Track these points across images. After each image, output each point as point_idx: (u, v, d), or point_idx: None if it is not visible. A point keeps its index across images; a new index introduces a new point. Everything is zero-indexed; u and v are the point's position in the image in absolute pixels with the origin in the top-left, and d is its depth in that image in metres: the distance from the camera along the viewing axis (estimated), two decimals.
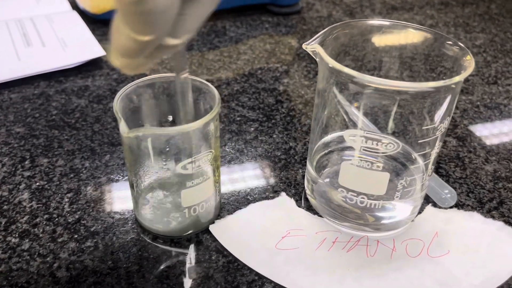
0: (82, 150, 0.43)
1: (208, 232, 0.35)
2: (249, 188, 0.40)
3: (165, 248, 0.34)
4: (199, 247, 0.35)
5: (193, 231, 0.35)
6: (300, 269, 0.33)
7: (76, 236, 0.35)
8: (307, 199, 0.39)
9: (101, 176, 0.41)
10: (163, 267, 0.33)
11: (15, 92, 0.51)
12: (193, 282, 0.32)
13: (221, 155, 0.43)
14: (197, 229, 0.35)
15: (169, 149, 0.32)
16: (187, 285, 0.32)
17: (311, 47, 0.32)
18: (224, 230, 0.36)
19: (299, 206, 0.38)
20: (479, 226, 0.37)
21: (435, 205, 0.38)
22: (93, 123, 0.47)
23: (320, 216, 0.37)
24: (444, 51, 0.34)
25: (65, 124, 0.47)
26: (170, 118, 0.35)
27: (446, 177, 0.42)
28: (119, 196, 0.39)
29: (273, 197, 0.39)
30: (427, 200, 0.39)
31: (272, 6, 0.71)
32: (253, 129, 0.47)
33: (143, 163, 0.33)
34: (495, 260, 0.34)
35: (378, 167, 0.33)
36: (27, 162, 0.42)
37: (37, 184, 0.40)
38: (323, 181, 0.38)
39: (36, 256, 0.34)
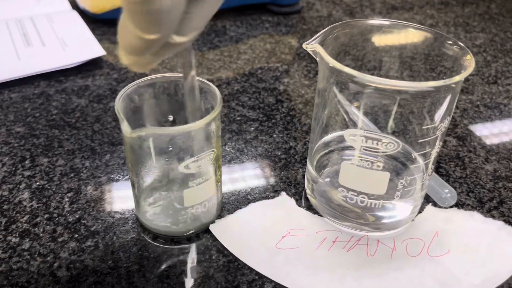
0: (82, 149, 0.43)
1: (208, 231, 0.36)
2: (249, 187, 0.40)
3: (166, 247, 0.34)
4: (199, 247, 0.35)
5: (195, 231, 0.35)
6: (300, 268, 0.33)
7: (76, 235, 0.35)
8: (307, 199, 0.39)
9: (102, 175, 0.41)
10: (164, 267, 0.33)
11: (15, 91, 0.51)
12: (193, 281, 0.32)
13: (221, 154, 0.43)
14: (198, 229, 0.35)
15: (172, 149, 0.32)
16: (189, 284, 0.32)
17: (311, 46, 0.32)
18: (224, 229, 0.36)
19: (299, 205, 0.38)
20: (479, 225, 0.37)
21: (435, 205, 0.39)
22: (93, 122, 0.47)
23: (320, 215, 0.37)
24: (444, 50, 0.34)
25: (65, 123, 0.47)
26: (170, 118, 0.35)
27: (446, 176, 0.42)
28: (120, 195, 0.39)
29: (273, 197, 0.39)
30: (427, 199, 0.39)
31: (272, 5, 0.71)
32: (253, 128, 0.47)
33: (145, 163, 0.33)
34: (495, 259, 0.34)
35: (378, 166, 0.33)
36: (27, 161, 0.42)
37: (37, 183, 0.40)
38: (323, 180, 0.38)
39: (36, 255, 0.34)
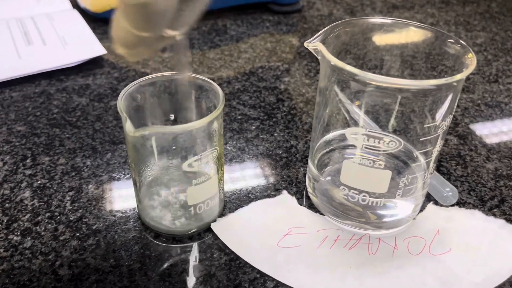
0: (83, 148, 0.43)
1: (210, 230, 0.36)
2: (251, 186, 0.40)
3: (167, 246, 0.34)
4: (201, 245, 0.35)
5: (197, 230, 0.35)
6: (301, 267, 0.33)
7: (78, 234, 0.35)
8: (308, 197, 0.39)
9: (103, 174, 0.41)
10: (166, 265, 0.33)
11: (16, 90, 0.51)
12: (195, 280, 0.32)
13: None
14: (200, 228, 0.35)
15: (175, 148, 0.32)
16: (191, 283, 0.32)
17: (313, 45, 0.32)
18: (226, 228, 0.36)
19: (301, 204, 0.38)
20: (481, 224, 0.37)
21: (437, 203, 0.38)
22: (94, 121, 0.47)
23: (321, 214, 0.37)
24: (445, 49, 0.34)
25: (66, 122, 0.47)
26: (172, 116, 0.35)
27: (447, 175, 0.42)
28: (121, 194, 0.39)
29: (274, 195, 0.39)
30: (429, 198, 0.39)
31: (273, 4, 0.71)
32: (254, 127, 0.47)
33: (148, 161, 0.33)
34: (496, 258, 0.34)
35: (379, 165, 0.33)
36: (28, 160, 0.42)
37: (39, 182, 0.40)
38: (325, 179, 0.38)
39: (38, 254, 0.34)
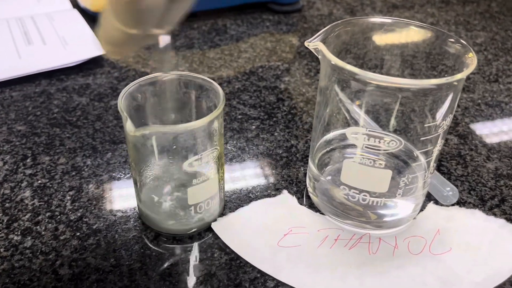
0: (83, 148, 0.43)
1: (210, 229, 0.36)
2: (251, 186, 0.40)
3: (168, 245, 0.34)
4: (201, 245, 0.35)
5: (197, 229, 0.35)
6: (302, 266, 0.33)
7: (78, 233, 0.35)
8: (309, 197, 0.39)
9: (103, 174, 0.41)
10: (166, 265, 0.33)
11: (16, 90, 0.51)
12: (195, 279, 0.32)
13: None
14: (201, 227, 0.35)
15: (175, 147, 0.32)
16: (191, 283, 0.32)
17: (313, 44, 0.32)
18: (226, 227, 0.36)
19: (301, 203, 0.38)
20: (481, 223, 0.37)
21: (437, 203, 0.38)
22: (95, 121, 0.47)
23: (322, 213, 0.37)
24: (446, 48, 0.34)
25: (66, 122, 0.47)
26: (172, 116, 0.35)
27: (447, 174, 0.42)
28: (121, 194, 0.39)
29: (275, 195, 0.39)
30: (429, 197, 0.39)
31: (273, 4, 0.71)
32: (254, 127, 0.47)
33: (148, 161, 0.33)
34: (496, 257, 0.34)
35: (380, 164, 0.33)
36: (28, 160, 0.42)
37: (39, 182, 0.40)
38: (325, 178, 0.38)
39: (38, 253, 0.34)
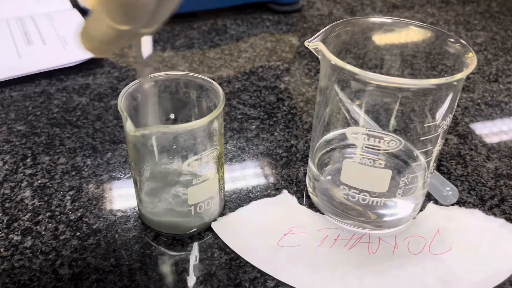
0: (83, 148, 0.43)
1: (210, 229, 0.36)
2: (251, 185, 0.40)
3: (167, 245, 0.34)
4: (201, 245, 0.35)
5: (197, 229, 0.35)
6: (302, 266, 0.33)
7: (78, 233, 0.35)
8: (309, 197, 0.39)
9: (103, 173, 0.41)
10: (166, 265, 0.33)
11: (16, 90, 0.51)
12: (195, 279, 0.32)
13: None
14: (201, 227, 0.35)
15: (175, 147, 0.32)
16: (191, 282, 0.32)
17: (313, 44, 0.32)
18: (226, 227, 0.36)
19: (301, 203, 0.38)
20: (481, 223, 0.37)
21: (437, 203, 0.39)
22: (95, 121, 0.47)
23: (322, 213, 0.37)
24: (445, 48, 0.34)
25: (66, 122, 0.47)
26: (172, 116, 0.36)
27: (447, 174, 0.42)
28: (121, 193, 0.39)
29: (275, 195, 0.39)
30: (429, 197, 0.39)
31: (272, 4, 0.71)
32: (254, 127, 0.47)
33: (148, 161, 0.33)
34: (496, 257, 0.34)
35: (380, 164, 0.33)
36: (28, 160, 0.42)
37: (39, 182, 0.40)
38: (325, 178, 0.38)
39: (38, 253, 0.34)
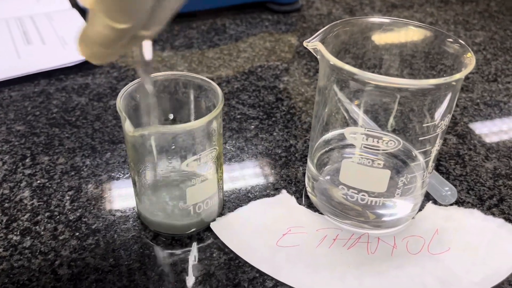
0: (82, 148, 0.43)
1: (209, 229, 0.36)
2: (250, 185, 0.40)
3: (166, 245, 0.34)
4: (200, 245, 0.35)
5: (196, 229, 0.35)
6: (301, 266, 0.33)
7: (77, 233, 0.35)
8: (307, 197, 0.39)
9: (102, 174, 0.41)
10: (165, 265, 0.33)
11: (15, 90, 0.51)
12: (194, 279, 0.32)
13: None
14: (200, 227, 0.35)
15: (174, 147, 0.32)
16: (190, 282, 0.32)
17: (312, 44, 0.32)
18: (225, 227, 0.36)
19: (300, 203, 0.38)
20: (480, 223, 0.37)
21: (436, 202, 0.39)
22: (94, 121, 0.47)
23: (320, 213, 0.37)
24: (444, 48, 0.34)
25: (65, 122, 0.47)
26: (171, 116, 0.35)
27: (446, 174, 0.42)
28: (120, 193, 0.39)
29: (273, 195, 0.39)
30: (428, 197, 0.39)
31: (272, 4, 0.71)
32: (253, 126, 0.47)
33: (147, 161, 0.33)
34: (495, 257, 0.34)
35: (378, 164, 0.33)
36: (27, 160, 0.42)
37: (38, 182, 0.40)
38: (324, 178, 0.38)
39: (37, 253, 0.34)
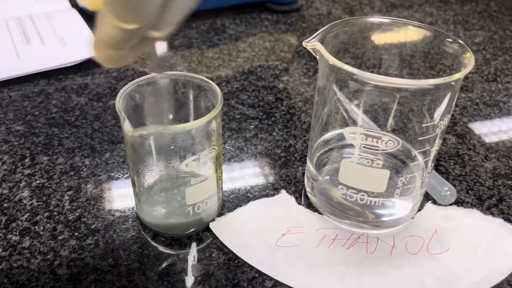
0: (82, 148, 0.43)
1: (208, 229, 0.36)
2: (249, 185, 0.40)
3: (166, 245, 0.34)
4: (199, 245, 0.35)
5: (195, 229, 0.35)
6: (300, 266, 0.33)
7: (76, 233, 0.35)
8: (307, 197, 0.39)
9: (101, 174, 0.41)
10: (164, 265, 0.33)
11: (14, 90, 0.51)
12: (194, 279, 0.32)
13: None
14: (199, 227, 0.35)
15: (173, 147, 0.32)
16: (189, 282, 0.32)
17: (311, 44, 0.32)
18: (224, 227, 0.36)
19: (299, 203, 0.38)
20: (479, 223, 0.37)
21: (435, 202, 0.39)
22: (93, 121, 0.47)
23: (320, 213, 0.37)
24: (444, 48, 0.34)
25: (65, 122, 0.47)
26: (170, 116, 0.35)
27: (445, 174, 0.42)
28: (120, 194, 0.39)
29: (273, 195, 0.39)
30: (427, 197, 0.39)
31: (271, 3, 0.71)
32: (253, 126, 0.47)
33: (146, 161, 0.33)
34: (494, 257, 0.34)
35: (378, 164, 0.33)
36: (27, 160, 0.42)
37: (37, 182, 0.40)
38: (323, 178, 0.38)
39: (36, 253, 0.34)
